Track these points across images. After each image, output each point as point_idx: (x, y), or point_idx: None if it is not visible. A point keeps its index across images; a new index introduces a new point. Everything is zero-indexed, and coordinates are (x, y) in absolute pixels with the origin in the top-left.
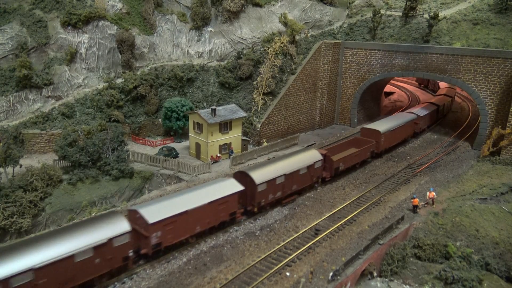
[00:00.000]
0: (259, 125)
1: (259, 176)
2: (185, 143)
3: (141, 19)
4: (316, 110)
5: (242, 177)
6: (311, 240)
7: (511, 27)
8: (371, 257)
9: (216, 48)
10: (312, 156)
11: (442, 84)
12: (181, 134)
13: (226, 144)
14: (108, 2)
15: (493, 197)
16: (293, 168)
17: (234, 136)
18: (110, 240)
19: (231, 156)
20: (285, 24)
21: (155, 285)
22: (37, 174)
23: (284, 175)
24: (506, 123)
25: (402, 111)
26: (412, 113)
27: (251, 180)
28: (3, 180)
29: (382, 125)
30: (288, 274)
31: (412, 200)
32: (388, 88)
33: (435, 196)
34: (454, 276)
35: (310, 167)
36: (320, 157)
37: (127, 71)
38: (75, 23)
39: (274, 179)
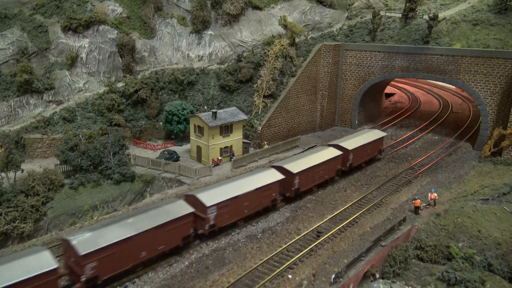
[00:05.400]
0: (260, 128)
1: None
2: (186, 147)
3: (141, 23)
4: (317, 112)
5: None
6: (313, 242)
7: (511, 27)
8: (373, 259)
9: (216, 51)
10: None
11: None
12: (182, 137)
13: (227, 147)
14: (108, 6)
15: (495, 198)
16: None
17: (235, 139)
18: None
19: (232, 159)
20: (285, 26)
21: None
22: (39, 179)
23: None
24: (507, 124)
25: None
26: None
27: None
28: (5, 185)
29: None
30: (290, 276)
31: (413, 201)
32: (388, 89)
33: (437, 197)
34: (456, 277)
35: None
36: None
37: (128, 75)
38: (76, 27)
39: None
